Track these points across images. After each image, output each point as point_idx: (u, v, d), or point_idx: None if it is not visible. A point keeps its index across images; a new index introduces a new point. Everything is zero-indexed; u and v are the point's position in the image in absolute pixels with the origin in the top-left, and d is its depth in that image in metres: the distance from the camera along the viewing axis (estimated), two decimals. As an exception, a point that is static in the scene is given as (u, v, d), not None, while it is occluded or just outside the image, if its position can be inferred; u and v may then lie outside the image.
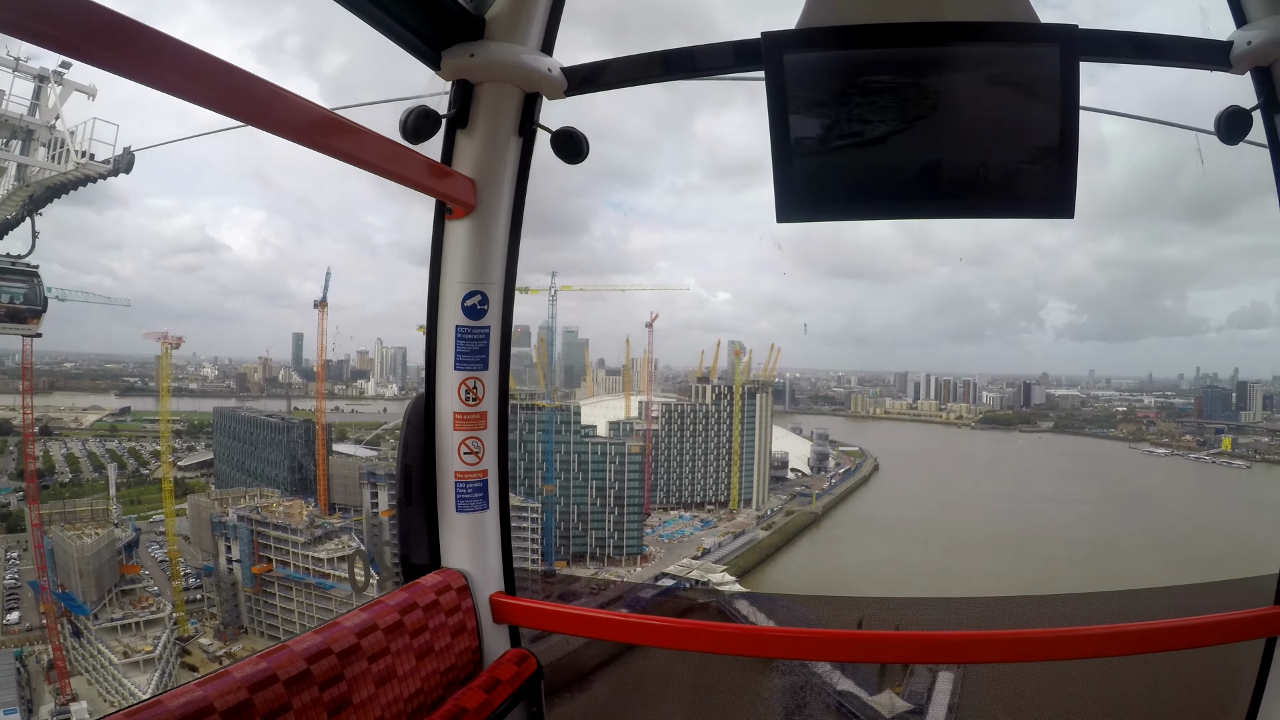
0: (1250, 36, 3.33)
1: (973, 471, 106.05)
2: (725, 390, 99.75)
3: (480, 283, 3.89)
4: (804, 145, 3.32)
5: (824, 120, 3.29)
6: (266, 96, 2.68)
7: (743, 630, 4.06)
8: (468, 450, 3.93)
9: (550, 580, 71.70)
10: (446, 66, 3.67)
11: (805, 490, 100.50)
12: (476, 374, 3.93)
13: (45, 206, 21.07)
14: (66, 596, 59.66)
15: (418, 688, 3.30)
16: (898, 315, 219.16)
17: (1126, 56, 3.61)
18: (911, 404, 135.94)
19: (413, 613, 3.41)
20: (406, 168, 3.41)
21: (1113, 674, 5.66)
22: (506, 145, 3.87)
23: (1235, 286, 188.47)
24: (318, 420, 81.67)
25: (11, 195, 20.31)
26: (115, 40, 2.15)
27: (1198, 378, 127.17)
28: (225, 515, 67.51)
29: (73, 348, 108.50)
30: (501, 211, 3.93)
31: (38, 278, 21.94)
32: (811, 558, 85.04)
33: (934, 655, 4.47)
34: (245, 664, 2.69)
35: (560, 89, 3.91)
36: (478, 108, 3.77)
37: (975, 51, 3.21)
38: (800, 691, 9.38)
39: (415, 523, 3.95)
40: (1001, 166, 3.28)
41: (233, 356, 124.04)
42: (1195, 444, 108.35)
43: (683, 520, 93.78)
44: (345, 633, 3.05)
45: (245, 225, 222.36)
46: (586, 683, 9.45)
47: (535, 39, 3.80)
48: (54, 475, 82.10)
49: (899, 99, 3.22)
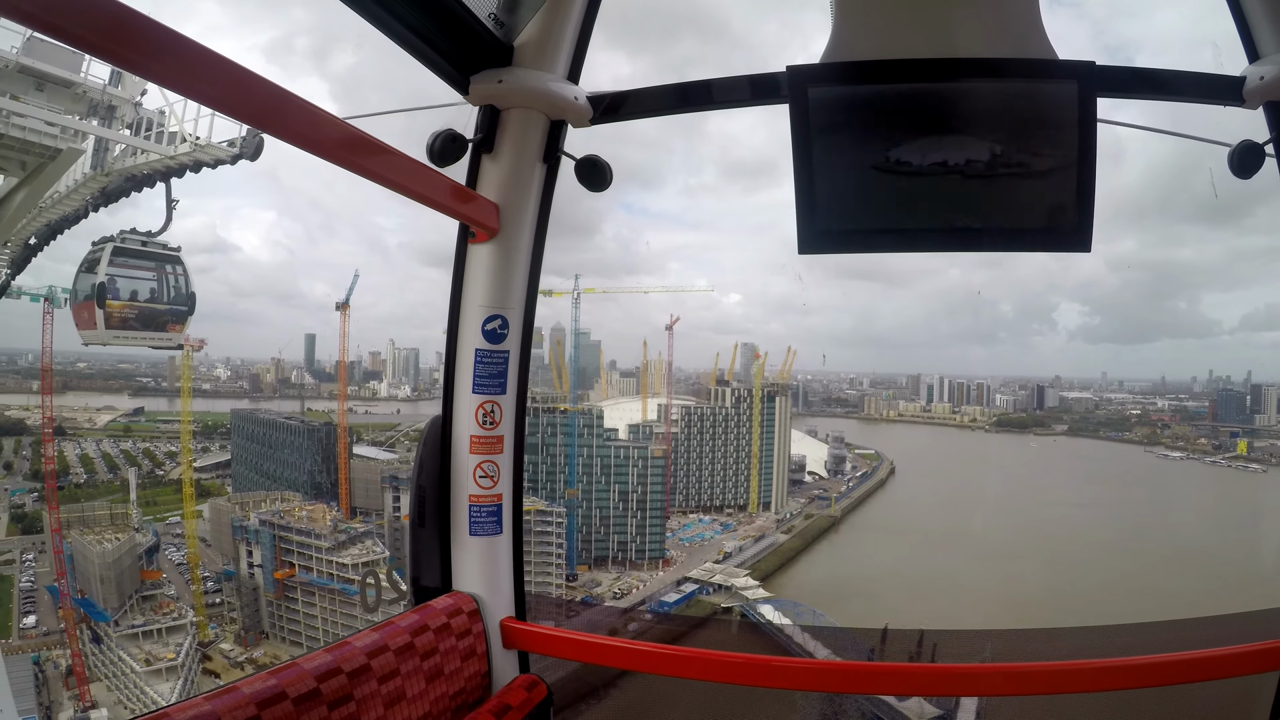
0: (1263, 72, 3.36)
1: (991, 475, 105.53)
2: (745, 393, 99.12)
3: (501, 307, 3.90)
4: (827, 178, 3.37)
5: (847, 154, 3.35)
6: (296, 112, 2.67)
7: (755, 661, 3.95)
8: (483, 474, 3.93)
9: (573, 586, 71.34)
10: (475, 91, 3.70)
11: (823, 493, 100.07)
12: (494, 398, 3.93)
13: (119, 200, 19.19)
14: (86, 603, 58.65)
15: (426, 710, 3.28)
16: (909, 317, 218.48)
17: (1141, 92, 3.67)
18: (925, 407, 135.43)
19: (423, 635, 3.40)
20: (431, 189, 3.42)
21: (1128, 706, 5.58)
22: (531, 171, 3.89)
23: (1249, 289, 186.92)
24: (339, 423, 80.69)
25: (83, 184, 18.28)
26: (148, 46, 2.13)
27: (1210, 380, 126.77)
28: (247, 519, 66.77)
29: (85, 347, 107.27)
30: (524, 237, 3.94)
31: (180, 264, 18.33)
32: (833, 562, 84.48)
33: (945, 688, 4.57)
34: (255, 680, 2.67)
35: (586, 117, 3.93)
36: (504, 133, 3.80)
37: (996, 87, 3.29)
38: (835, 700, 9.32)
39: (428, 544, 3.96)
40: (1020, 202, 3.33)
41: (245, 357, 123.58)
42: (1210, 447, 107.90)
43: (702, 524, 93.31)
44: (356, 652, 3.04)
45: (256, 226, 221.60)
46: (601, 697, 9.18)
47: (563, 67, 3.83)
48: (69, 476, 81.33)
49: (920, 132, 3.28)
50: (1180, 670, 3.58)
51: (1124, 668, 3.57)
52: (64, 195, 19.37)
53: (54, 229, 22.55)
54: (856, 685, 4.26)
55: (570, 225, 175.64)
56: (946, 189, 3.29)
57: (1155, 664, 3.56)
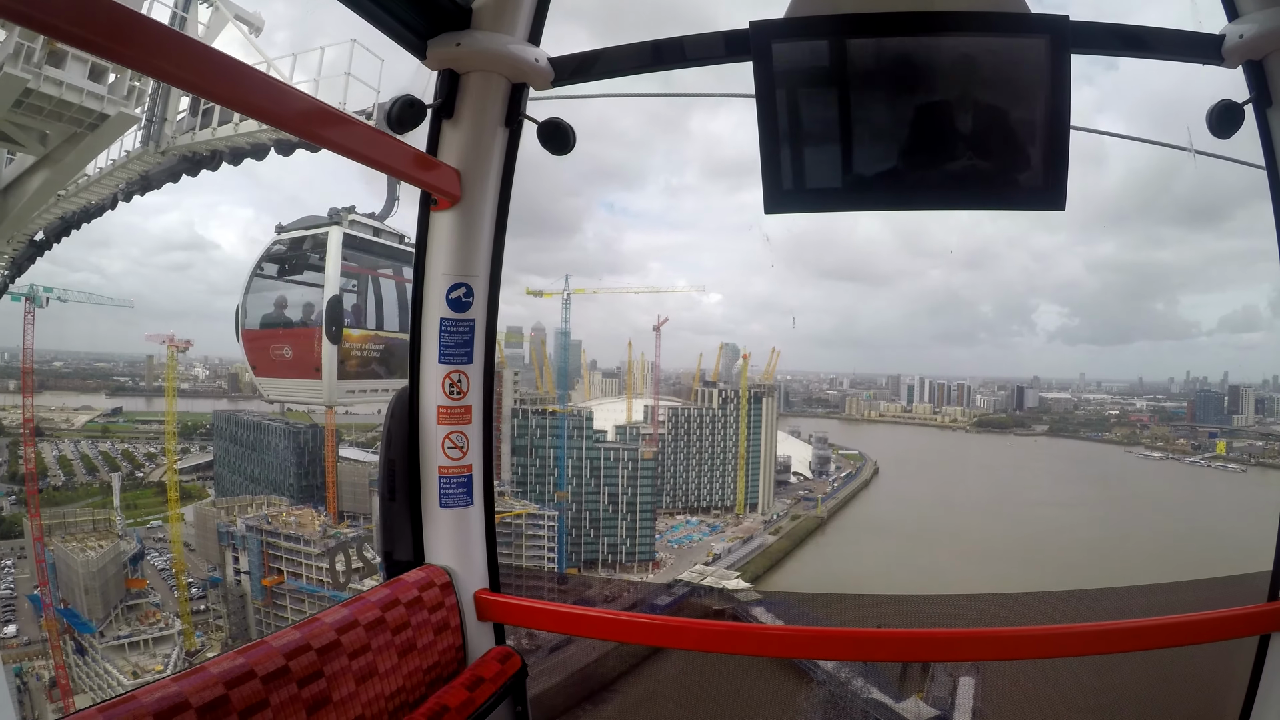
0: (1242, 30, 3.30)
1: (973, 475, 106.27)
2: (732, 394, 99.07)
3: (465, 275, 3.82)
4: (792, 135, 3.29)
5: (812, 110, 3.29)
6: (257, 84, 2.66)
7: (731, 628, 3.99)
8: (452, 445, 3.86)
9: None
10: (432, 56, 3.63)
11: (809, 494, 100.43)
12: (461, 367, 3.86)
13: (159, 188, 16.72)
14: (70, 613, 57.22)
15: (399, 685, 3.23)
16: (890, 317, 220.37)
17: (1117, 49, 3.62)
18: (906, 407, 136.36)
19: (395, 609, 3.34)
20: (391, 157, 3.40)
21: (1110, 669, 6.05)
22: (493, 136, 3.81)
23: (1227, 290, 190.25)
24: (328, 425, 79.26)
25: (127, 163, 15.93)
26: (109, 28, 2.12)
27: (1188, 381, 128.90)
28: (233, 524, 65.39)
29: (61, 346, 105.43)
30: (487, 203, 3.87)
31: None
32: (821, 562, 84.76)
33: (925, 653, 4.20)
34: (222, 659, 2.62)
35: (547, 79, 3.83)
36: (464, 98, 3.72)
37: (965, 42, 3.18)
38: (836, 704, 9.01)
39: (398, 518, 3.89)
40: (991, 158, 3.27)
41: (223, 356, 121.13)
42: (1190, 448, 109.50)
43: (690, 525, 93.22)
44: (325, 629, 2.97)
45: (234, 223, 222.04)
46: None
47: (523, 29, 3.74)
48: (46, 478, 79.48)
49: (888, 89, 3.22)
50: (1163, 634, 3.59)
51: (1108, 631, 3.57)
52: (94, 179, 16.79)
53: (68, 223, 19.49)
54: (840, 652, 4.09)
55: (552, 224, 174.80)
56: (915, 146, 3.24)
57: (1138, 628, 3.56)
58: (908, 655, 4.12)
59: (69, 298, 67.78)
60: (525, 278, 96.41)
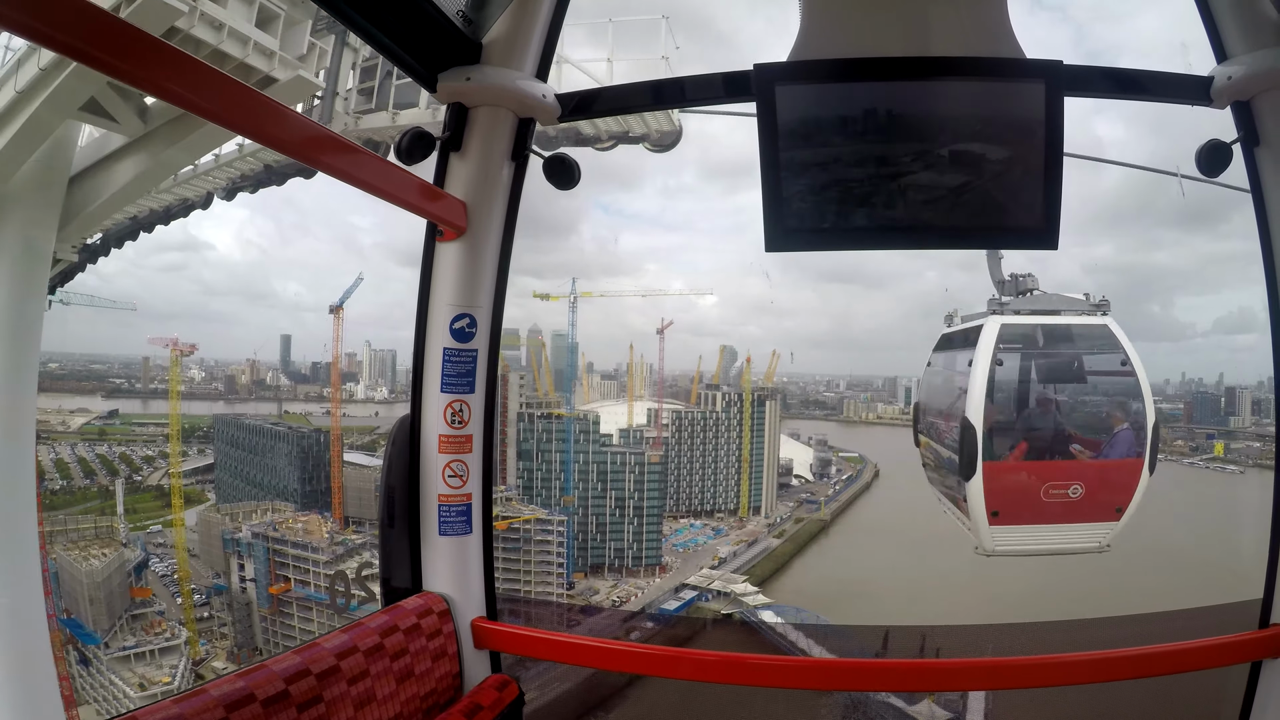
0: (1231, 72, 3.37)
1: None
2: (735, 397, 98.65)
3: (469, 306, 3.86)
4: (794, 176, 3.32)
5: (814, 151, 3.31)
6: (265, 111, 2.71)
7: (726, 659, 4.02)
8: (452, 473, 3.89)
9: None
10: (442, 89, 3.67)
11: (811, 497, 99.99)
12: (463, 397, 3.89)
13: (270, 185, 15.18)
14: (74, 623, 56.06)
15: (397, 712, 3.23)
16: (886, 319, 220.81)
17: (1110, 92, 3.68)
18: (903, 409, 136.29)
19: (393, 635, 3.35)
20: (399, 188, 3.40)
21: (1106, 697, 5.70)
22: (499, 169, 3.86)
23: (1222, 292, 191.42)
24: (334, 429, 78.25)
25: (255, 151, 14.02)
26: (119, 46, 2.16)
27: (1184, 383, 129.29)
28: (238, 531, 64.47)
29: (56, 347, 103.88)
30: (492, 235, 3.91)
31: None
32: (827, 565, 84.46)
33: (927, 683, 4.24)
34: (222, 682, 2.63)
35: (554, 115, 3.89)
36: (472, 131, 3.76)
37: (964, 86, 3.25)
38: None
39: (397, 545, 3.89)
40: (987, 199, 3.31)
41: (219, 358, 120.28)
42: (1187, 449, 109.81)
43: (694, 529, 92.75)
44: (325, 654, 2.98)
45: (229, 224, 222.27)
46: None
47: (531, 65, 3.79)
48: (45, 482, 77.86)
49: (888, 131, 3.26)
50: (1158, 662, 3.67)
51: (1105, 660, 3.67)
52: (211, 168, 14.31)
53: (139, 224, 16.69)
54: (853, 683, 4.20)
55: (548, 226, 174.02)
56: (914, 186, 3.28)
57: (1134, 656, 3.65)
58: (909, 685, 4.06)
59: (71, 300, 66.53)
60: (521, 279, 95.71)
